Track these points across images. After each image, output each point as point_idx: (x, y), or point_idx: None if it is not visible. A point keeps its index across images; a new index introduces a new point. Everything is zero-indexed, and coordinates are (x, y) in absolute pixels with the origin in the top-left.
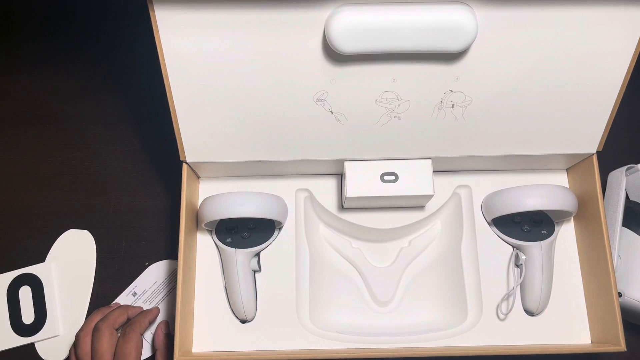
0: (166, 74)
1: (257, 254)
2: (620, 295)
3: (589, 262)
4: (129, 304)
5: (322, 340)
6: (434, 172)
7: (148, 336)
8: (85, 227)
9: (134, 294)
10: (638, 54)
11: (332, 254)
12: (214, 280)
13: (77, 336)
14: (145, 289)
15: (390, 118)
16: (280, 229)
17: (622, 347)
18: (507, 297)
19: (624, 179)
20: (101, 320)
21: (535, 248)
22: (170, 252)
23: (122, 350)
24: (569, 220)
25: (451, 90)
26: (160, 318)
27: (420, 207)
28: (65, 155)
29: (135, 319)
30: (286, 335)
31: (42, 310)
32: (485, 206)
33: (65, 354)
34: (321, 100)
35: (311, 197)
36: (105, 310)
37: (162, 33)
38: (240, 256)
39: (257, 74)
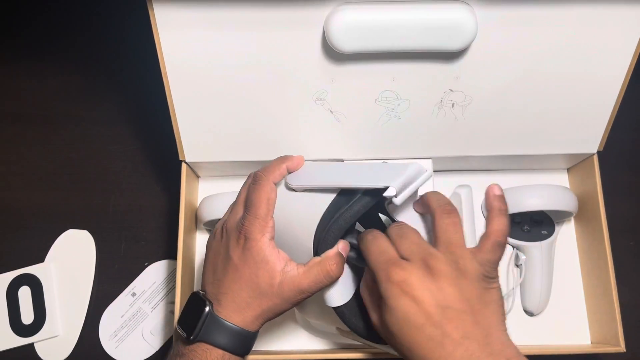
0: (165, 73)
1: None
2: None
3: (589, 263)
4: (128, 304)
5: (322, 340)
6: (434, 172)
7: (148, 336)
8: (85, 227)
9: (133, 294)
10: (638, 53)
11: None
12: None
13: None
14: (144, 289)
15: (390, 117)
16: None
17: (621, 347)
18: (506, 297)
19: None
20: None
21: (535, 248)
22: (169, 252)
23: (251, 199)
24: (569, 220)
25: (451, 90)
26: (159, 315)
27: None
28: (65, 155)
29: (271, 162)
30: (285, 335)
31: (41, 310)
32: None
33: (65, 354)
34: (321, 99)
35: None
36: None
37: (161, 32)
38: None
39: (256, 73)
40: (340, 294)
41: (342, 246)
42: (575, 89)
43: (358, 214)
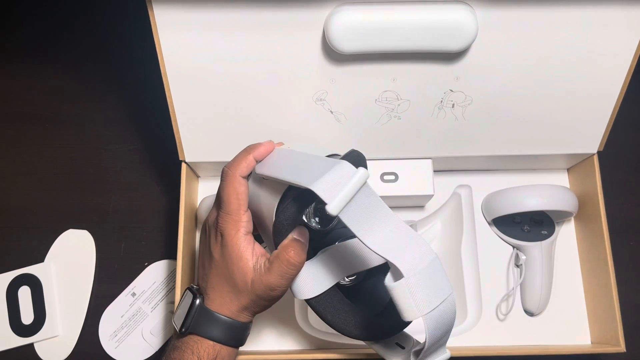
0: (165, 73)
1: None
2: None
3: (589, 262)
4: (128, 304)
5: (321, 341)
6: (434, 172)
7: (148, 336)
8: (85, 227)
9: (133, 294)
10: (639, 54)
11: None
12: None
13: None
14: (144, 289)
15: (390, 118)
16: None
17: (621, 347)
18: (507, 297)
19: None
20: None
21: (535, 248)
22: (169, 252)
23: (221, 195)
24: (569, 220)
25: (451, 90)
26: (159, 315)
27: (420, 207)
28: (65, 155)
29: (237, 155)
30: (285, 335)
31: (41, 310)
32: (486, 206)
33: (65, 354)
34: (321, 99)
35: None
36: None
37: (161, 33)
38: None
39: (257, 73)
40: (307, 286)
41: (297, 232)
42: (576, 90)
43: (302, 207)
